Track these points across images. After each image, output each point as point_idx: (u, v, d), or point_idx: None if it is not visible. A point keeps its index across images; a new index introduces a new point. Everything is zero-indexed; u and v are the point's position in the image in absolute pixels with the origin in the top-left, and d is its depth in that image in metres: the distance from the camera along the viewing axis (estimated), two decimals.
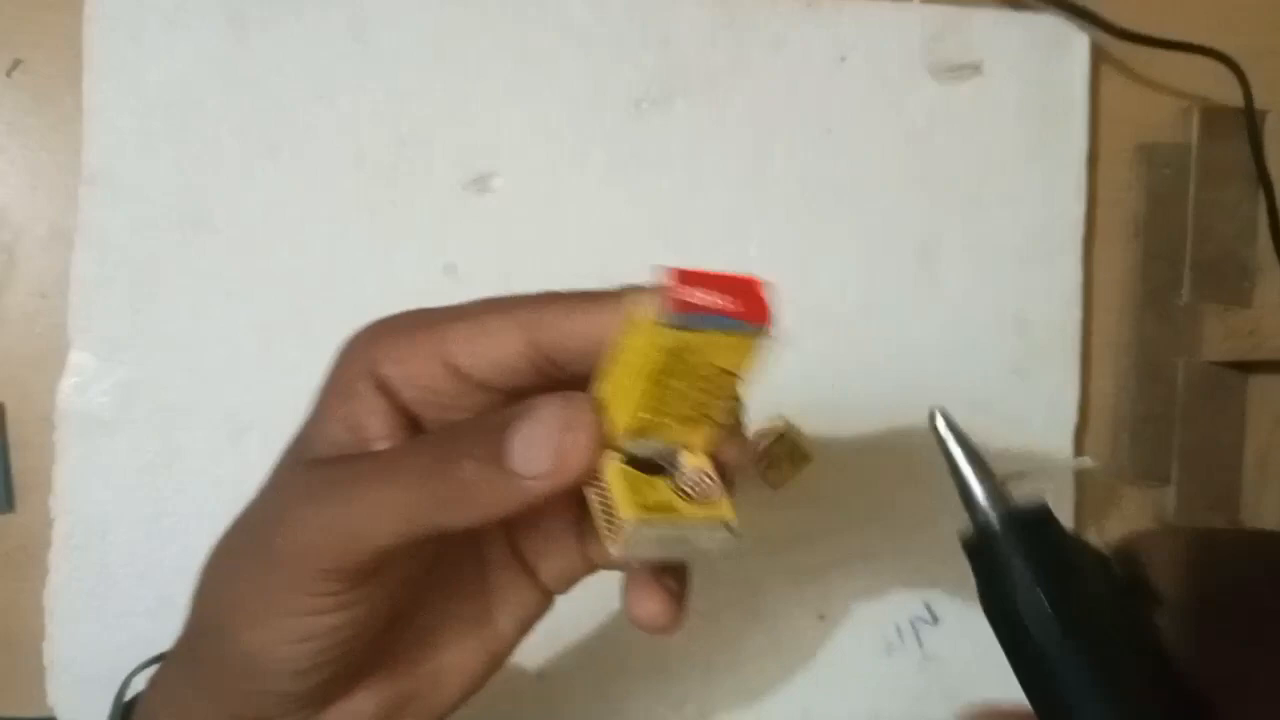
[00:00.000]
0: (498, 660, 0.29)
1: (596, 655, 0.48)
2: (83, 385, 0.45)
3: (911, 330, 0.51)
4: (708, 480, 0.24)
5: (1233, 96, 0.52)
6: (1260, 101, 0.52)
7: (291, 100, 0.47)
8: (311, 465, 0.26)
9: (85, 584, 0.45)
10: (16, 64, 0.46)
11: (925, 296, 0.51)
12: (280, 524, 0.25)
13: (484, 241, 0.48)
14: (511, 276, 0.48)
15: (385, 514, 0.24)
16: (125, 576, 0.45)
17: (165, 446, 0.45)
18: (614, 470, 0.23)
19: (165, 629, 0.45)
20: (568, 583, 0.29)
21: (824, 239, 0.50)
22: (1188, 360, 0.52)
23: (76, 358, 0.45)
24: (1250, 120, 0.51)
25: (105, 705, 0.44)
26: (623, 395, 0.23)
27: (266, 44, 0.47)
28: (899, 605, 0.50)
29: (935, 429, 0.30)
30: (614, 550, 0.23)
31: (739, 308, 0.21)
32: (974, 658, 0.50)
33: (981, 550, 0.29)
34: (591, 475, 0.23)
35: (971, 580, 0.30)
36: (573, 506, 0.27)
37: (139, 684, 0.40)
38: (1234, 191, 0.53)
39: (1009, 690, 0.30)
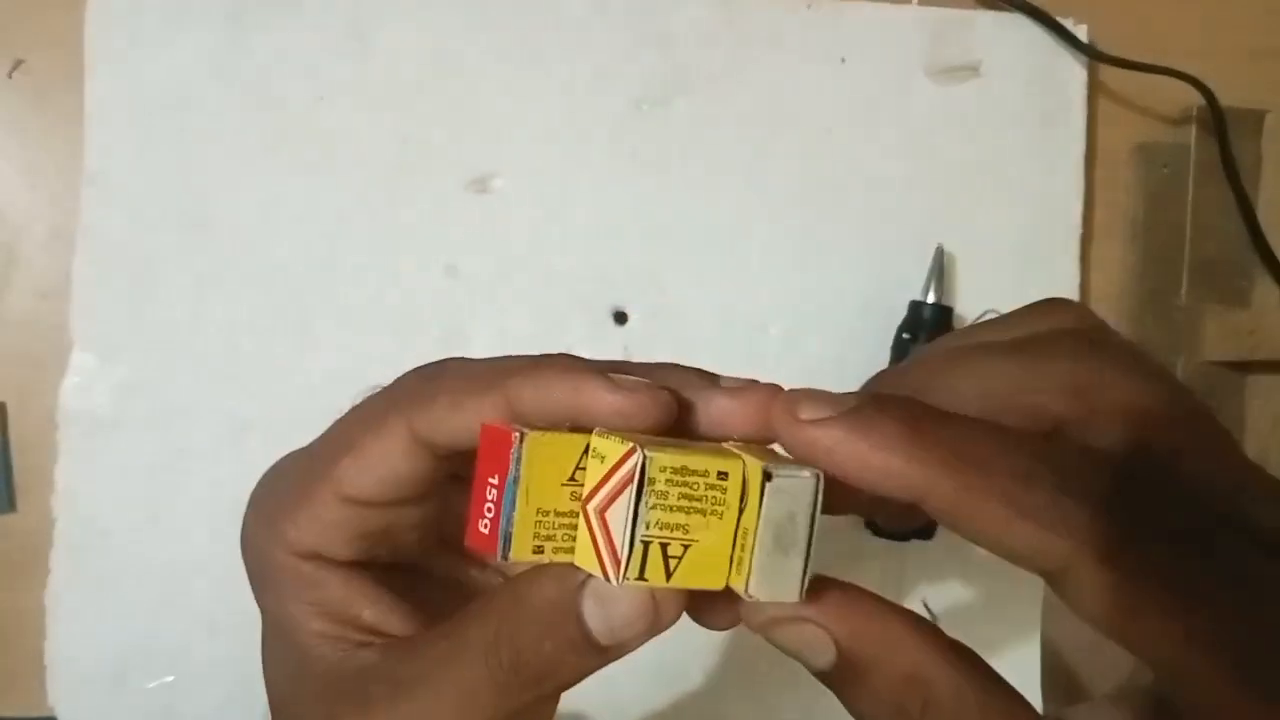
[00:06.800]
0: None
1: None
2: (84, 385, 0.45)
3: None
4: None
5: (1231, 97, 0.52)
6: (1261, 102, 0.52)
7: (291, 100, 0.47)
8: (341, 676, 0.23)
9: (85, 584, 0.45)
10: (17, 64, 0.46)
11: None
12: None
13: (484, 241, 0.48)
14: (511, 277, 0.48)
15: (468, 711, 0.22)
16: (125, 576, 0.45)
17: (165, 446, 0.45)
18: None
19: (165, 629, 0.46)
20: None
21: (824, 239, 0.50)
22: (1186, 360, 0.52)
23: (78, 358, 0.45)
24: (1222, 141, 0.52)
25: (105, 705, 0.45)
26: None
27: (266, 44, 0.47)
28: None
29: None
30: None
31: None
32: None
33: None
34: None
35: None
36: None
37: None
38: (1232, 191, 0.53)
39: None
